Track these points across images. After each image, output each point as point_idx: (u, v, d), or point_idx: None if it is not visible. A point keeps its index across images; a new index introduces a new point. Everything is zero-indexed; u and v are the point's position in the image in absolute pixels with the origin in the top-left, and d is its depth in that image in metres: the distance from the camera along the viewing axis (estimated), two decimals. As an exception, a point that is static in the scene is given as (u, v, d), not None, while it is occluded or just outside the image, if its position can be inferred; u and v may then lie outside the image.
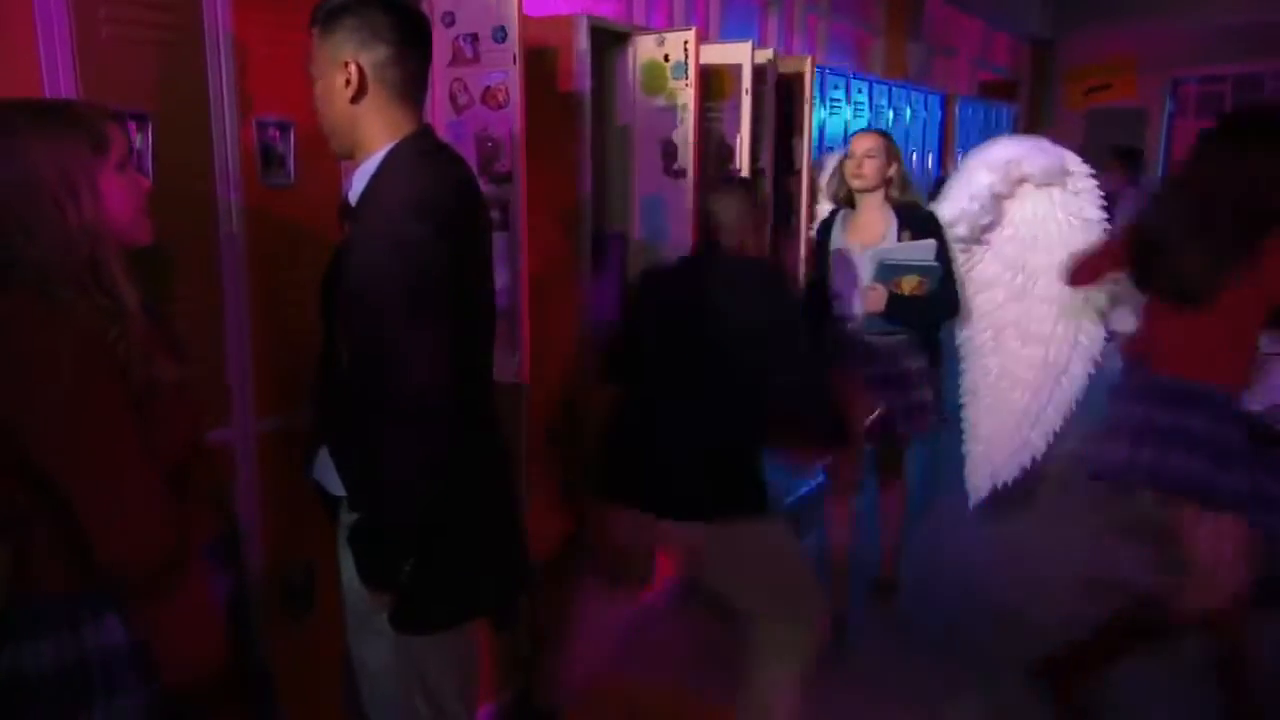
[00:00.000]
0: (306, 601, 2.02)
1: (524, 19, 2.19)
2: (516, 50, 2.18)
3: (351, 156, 1.57)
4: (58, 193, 1.18)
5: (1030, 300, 3.22)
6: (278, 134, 1.86)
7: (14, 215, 1.16)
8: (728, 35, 4.40)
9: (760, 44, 4.71)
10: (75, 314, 1.17)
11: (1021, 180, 3.14)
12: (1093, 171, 3.15)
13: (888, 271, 2.93)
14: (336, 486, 1.61)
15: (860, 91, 4.20)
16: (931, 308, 3.01)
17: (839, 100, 4.04)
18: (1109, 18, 7.70)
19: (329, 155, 1.64)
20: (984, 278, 3.29)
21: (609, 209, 3.02)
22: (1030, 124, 8.00)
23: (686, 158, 2.85)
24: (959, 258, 3.19)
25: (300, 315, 1.83)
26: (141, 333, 1.23)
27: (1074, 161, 3.15)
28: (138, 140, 1.61)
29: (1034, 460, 3.32)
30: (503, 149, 2.24)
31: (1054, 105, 8.29)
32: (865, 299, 2.96)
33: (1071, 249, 2.95)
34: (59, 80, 1.50)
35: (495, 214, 2.15)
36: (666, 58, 2.83)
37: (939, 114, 5.08)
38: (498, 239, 2.06)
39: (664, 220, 2.92)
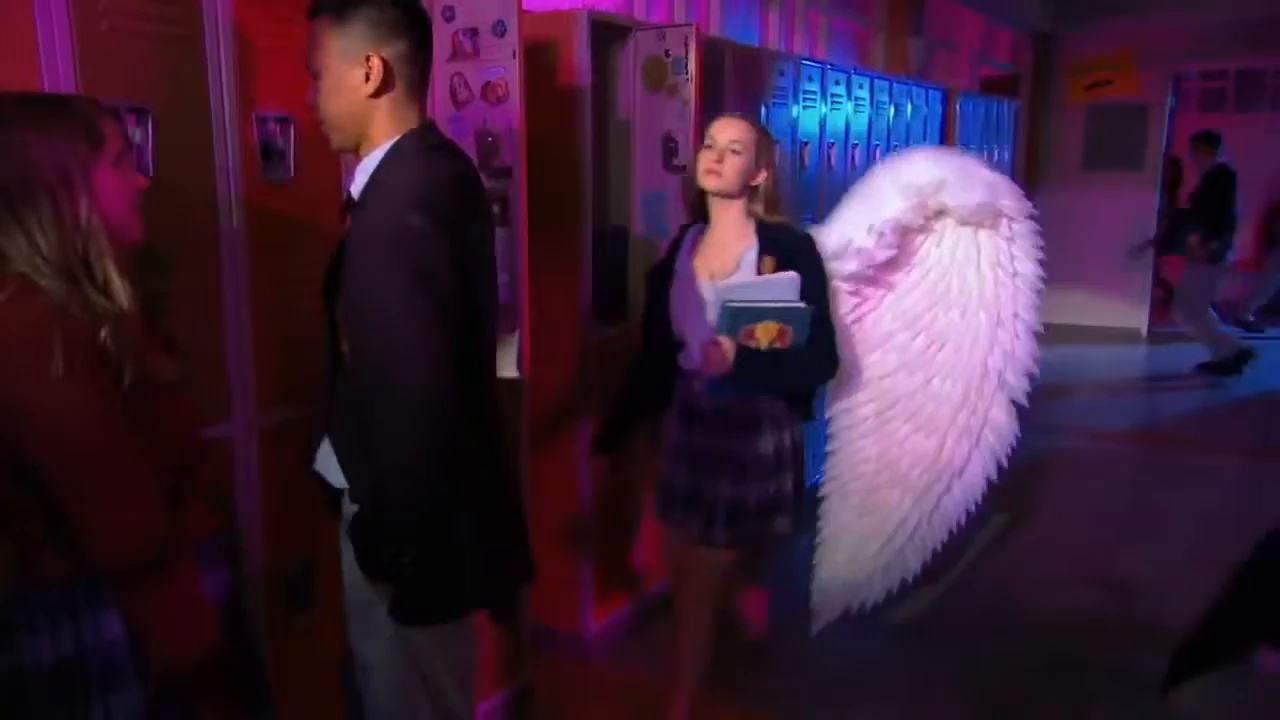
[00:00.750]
0: (306, 599, 2.02)
1: (523, 13, 2.19)
2: (516, 45, 2.17)
3: (355, 151, 1.57)
4: (53, 187, 1.18)
5: (930, 372, 2.40)
6: (278, 129, 1.86)
7: (9, 209, 1.16)
8: (728, 30, 4.40)
9: (761, 40, 4.72)
10: (67, 311, 1.17)
11: (940, 213, 2.32)
12: (1034, 212, 2.36)
13: (737, 317, 2.12)
14: (338, 478, 1.62)
15: (861, 87, 4.20)
16: (795, 368, 2.20)
17: (839, 96, 4.04)
18: (1111, 12, 7.68)
19: (329, 150, 1.64)
20: (874, 333, 2.45)
21: (609, 204, 3.02)
22: (1032, 119, 7.99)
23: (687, 153, 2.84)
24: (844, 300, 2.37)
25: (300, 310, 1.83)
26: (135, 330, 1.23)
27: (1011, 197, 2.32)
28: (137, 134, 1.61)
29: (904, 583, 2.53)
30: (503, 144, 2.24)
31: (1056, 100, 8.27)
32: (707, 356, 2.16)
33: (993, 311, 2.32)
34: (58, 74, 1.50)
35: (495, 208, 2.15)
36: (667, 53, 2.83)
37: (939, 110, 5.07)
38: (498, 234, 2.06)
39: (664, 215, 2.92)
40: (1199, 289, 6.56)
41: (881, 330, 2.45)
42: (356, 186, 1.55)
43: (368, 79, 1.48)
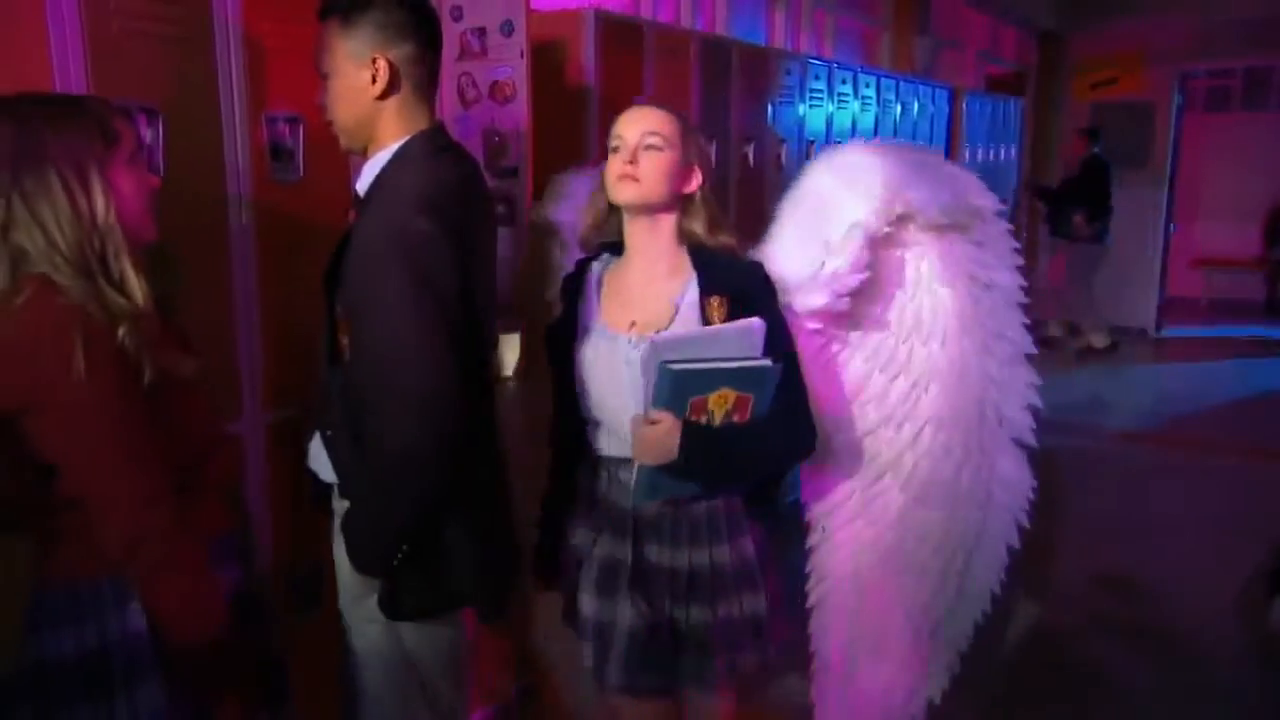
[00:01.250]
0: (313, 597, 2.03)
1: (531, 13, 2.20)
2: (524, 44, 2.18)
3: (364, 152, 1.58)
4: (70, 184, 1.19)
5: (918, 423, 1.87)
6: (287, 129, 1.87)
7: (27, 205, 1.18)
8: (735, 30, 4.40)
9: (768, 39, 4.72)
10: (86, 309, 1.18)
11: (904, 219, 1.76)
12: (1001, 207, 1.86)
13: (681, 385, 1.50)
14: (329, 474, 1.63)
15: (868, 86, 4.20)
16: (762, 447, 1.60)
17: (846, 95, 4.04)
18: (1117, 11, 7.67)
19: (338, 150, 1.64)
20: (847, 382, 1.91)
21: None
22: (1038, 118, 7.98)
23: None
24: (807, 343, 1.79)
25: (309, 308, 1.83)
26: (154, 328, 1.24)
27: (979, 191, 1.84)
28: (148, 135, 1.62)
29: (930, 704, 1.92)
30: (509, 144, 2.25)
31: (1062, 99, 8.26)
32: (642, 441, 1.53)
33: (976, 336, 1.83)
34: (70, 74, 1.51)
35: (500, 208, 2.15)
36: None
37: (946, 109, 5.07)
38: (502, 234, 2.07)
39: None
40: (1085, 267, 7.12)
41: (854, 376, 1.89)
42: (363, 184, 1.56)
43: (374, 81, 1.49)
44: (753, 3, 4.62)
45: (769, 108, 3.52)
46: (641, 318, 1.61)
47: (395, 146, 1.53)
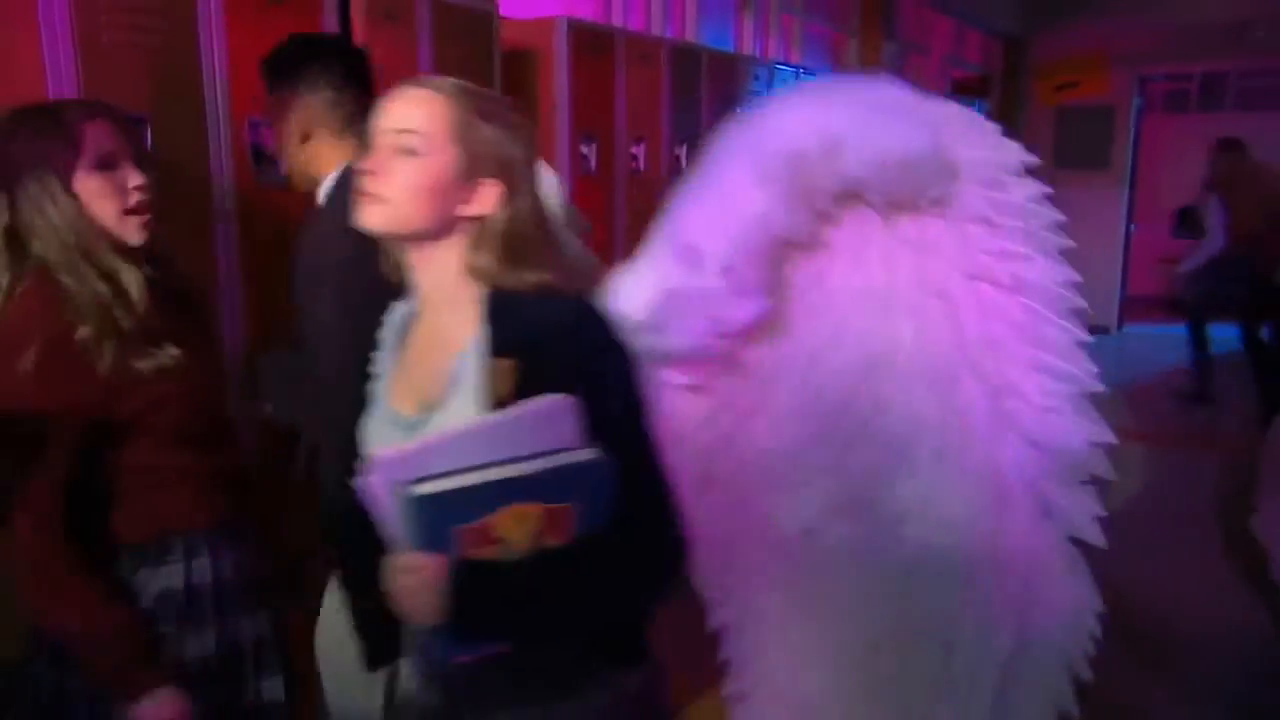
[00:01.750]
0: (297, 591, 2.07)
1: (503, 20, 2.26)
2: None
3: (313, 191, 1.67)
4: (39, 189, 1.25)
5: (887, 515, 1.28)
6: (269, 133, 1.93)
7: (13, 210, 1.25)
8: (704, 36, 4.49)
9: (736, 45, 4.81)
10: (74, 303, 1.23)
11: (846, 196, 1.26)
12: (1027, 156, 1.42)
13: (436, 513, 0.97)
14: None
15: (833, 90, 4.29)
16: (598, 576, 1.04)
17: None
18: (1080, 14, 7.84)
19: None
20: (762, 457, 1.32)
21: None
22: (1002, 121, 8.12)
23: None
24: (681, 407, 1.31)
25: (293, 307, 1.90)
26: (137, 324, 1.28)
27: (978, 140, 1.36)
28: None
29: None
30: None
31: (1026, 102, 8.42)
32: (398, 598, 1.01)
33: (987, 369, 1.27)
34: (63, 84, 1.57)
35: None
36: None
37: (911, 112, 5.17)
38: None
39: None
40: None
41: (782, 449, 1.29)
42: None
43: (296, 127, 1.62)
44: (721, 9, 4.71)
45: (738, 113, 3.60)
46: (422, 392, 1.09)
47: (333, 175, 1.63)
